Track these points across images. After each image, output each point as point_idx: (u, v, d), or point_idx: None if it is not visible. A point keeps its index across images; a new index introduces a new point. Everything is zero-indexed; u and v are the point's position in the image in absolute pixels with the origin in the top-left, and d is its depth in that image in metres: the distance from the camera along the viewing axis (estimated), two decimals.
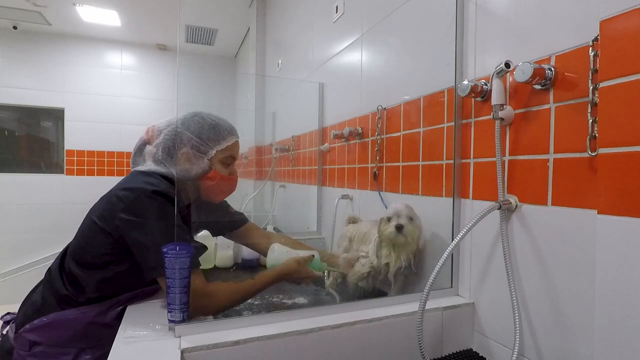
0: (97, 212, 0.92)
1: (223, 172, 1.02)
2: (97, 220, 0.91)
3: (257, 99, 2.62)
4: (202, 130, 0.99)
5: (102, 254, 0.90)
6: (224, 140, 1.01)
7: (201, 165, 0.99)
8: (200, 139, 0.98)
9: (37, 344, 0.88)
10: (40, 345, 0.88)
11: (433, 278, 0.73)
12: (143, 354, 0.66)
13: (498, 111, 0.80)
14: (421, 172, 1.09)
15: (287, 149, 2.16)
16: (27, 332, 0.88)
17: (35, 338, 0.88)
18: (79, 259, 0.91)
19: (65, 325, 0.88)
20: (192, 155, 0.99)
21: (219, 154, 1.01)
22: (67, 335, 0.88)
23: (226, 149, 1.02)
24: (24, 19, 3.30)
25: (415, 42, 1.13)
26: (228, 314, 0.96)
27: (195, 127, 0.99)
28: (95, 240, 0.90)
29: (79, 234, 0.95)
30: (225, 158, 1.02)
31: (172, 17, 3.27)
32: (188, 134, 0.98)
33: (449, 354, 0.88)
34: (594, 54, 0.64)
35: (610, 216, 0.53)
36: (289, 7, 2.40)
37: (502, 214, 0.81)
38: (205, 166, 1.00)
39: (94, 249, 0.90)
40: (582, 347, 0.68)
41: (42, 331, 0.88)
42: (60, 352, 0.88)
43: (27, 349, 0.87)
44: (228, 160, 1.03)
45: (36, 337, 0.88)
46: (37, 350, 0.88)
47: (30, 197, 3.61)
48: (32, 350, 0.88)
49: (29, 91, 3.61)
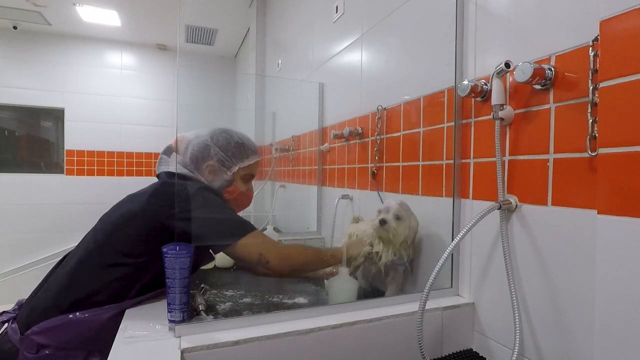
0: (144, 205, 0.93)
1: (242, 187, 1.10)
2: (150, 210, 0.92)
3: (257, 99, 2.62)
4: (229, 147, 1.06)
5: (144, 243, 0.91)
6: (247, 158, 1.09)
7: (224, 178, 1.07)
8: (226, 154, 1.06)
9: (44, 347, 0.86)
10: (48, 348, 0.86)
11: (433, 278, 0.73)
12: (143, 354, 0.66)
13: (498, 111, 0.80)
14: (421, 172, 1.09)
15: (287, 149, 2.16)
16: (35, 335, 0.86)
17: (43, 341, 0.86)
18: (120, 250, 0.91)
19: (75, 327, 0.86)
20: (216, 169, 1.05)
21: (241, 170, 1.08)
22: (76, 337, 0.86)
23: (248, 167, 1.09)
24: (24, 19, 3.30)
25: (415, 42, 1.13)
26: (228, 314, 0.96)
27: (222, 142, 1.06)
28: (142, 230, 0.92)
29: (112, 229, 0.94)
30: (246, 175, 1.10)
31: (172, 17, 3.27)
32: (216, 148, 1.05)
33: (449, 354, 0.88)
34: (594, 54, 0.64)
35: (610, 216, 0.53)
36: (289, 7, 2.40)
37: (502, 214, 0.81)
38: (227, 180, 1.07)
39: (138, 239, 0.91)
40: (582, 347, 0.68)
41: (51, 334, 0.86)
42: (68, 355, 0.87)
43: (35, 352, 0.86)
44: (248, 177, 1.11)
45: (44, 340, 0.86)
46: (45, 353, 0.86)
47: (30, 197, 3.61)
48: (39, 353, 0.86)
49: (29, 91, 3.61)
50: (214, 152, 1.05)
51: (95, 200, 3.55)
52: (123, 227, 0.93)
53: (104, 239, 0.93)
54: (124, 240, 0.92)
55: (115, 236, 0.93)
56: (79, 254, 0.95)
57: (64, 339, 0.86)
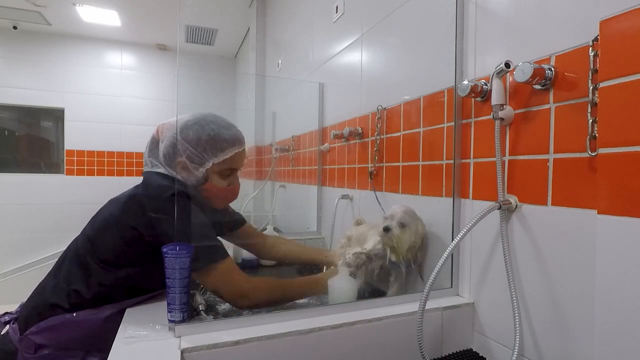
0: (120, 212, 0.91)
1: (220, 183, 0.98)
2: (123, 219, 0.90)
3: (257, 99, 2.62)
4: (199, 142, 0.94)
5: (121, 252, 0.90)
6: (222, 152, 0.96)
7: (196, 176, 0.96)
8: (195, 149, 0.94)
9: (43, 347, 0.86)
10: (47, 348, 0.86)
11: (433, 278, 0.73)
12: (143, 354, 0.66)
13: (498, 111, 0.80)
14: (421, 172, 1.09)
15: (287, 149, 2.16)
16: (34, 335, 0.86)
17: (41, 341, 0.86)
18: (99, 258, 0.90)
19: (74, 327, 0.86)
20: (187, 165, 0.95)
21: (215, 166, 0.96)
22: (75, 337, 0.86)
23: (223, 161, 0.97)
24: (24, 19, 3.30)
25: (415, 42, 1.13)
26: (228, 314, 0.96)
27: (193, 136, 0.94)
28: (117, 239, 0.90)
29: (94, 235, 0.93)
30: (224, 170, 0.98)
31: (172, 17, 3.27)
32: (185, 143, 0.94)
33: (449, 354, 0.88)
34: (594, 54, 0.64)
35: (610, 216, 0.53)
36: (289, 7, 2.40)
37: (502, 214, 0.81)
38: (201, 177, 0.96)
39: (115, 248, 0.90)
40: (582, 347, 0.68)
41: (49, 333, 0.86)
42: (66, 355, 0.87)
43: (33, 352, 0.86)
44: (226, 172, 0.99)
45: (42, 340, 0.86)
46: (43, 353, 0.86)
47: (30, 197, 3.61)
48: (37, 353, 0.86)
49: (29, 91, 3.61)
50: (183, 148, 0.94)
51: (95, 200, 3.51)
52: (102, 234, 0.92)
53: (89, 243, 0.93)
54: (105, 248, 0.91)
55: (97, 243, 0.92)
56: (70, 255, 0.95)
57: (62, 339, 0.86)
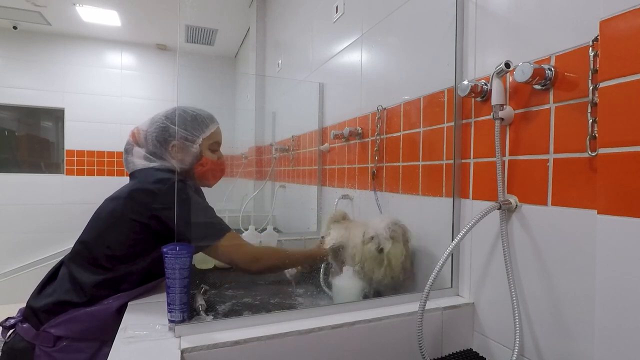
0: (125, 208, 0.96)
1: (212, 157, 1.12)
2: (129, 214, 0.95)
3: (257, 99, 2.62)
4: (186, 122, 1.07)
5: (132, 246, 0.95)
6: (207, 128, 1.10)
7: (192, 153, 1.08)
8: (185, 129, 1.07)
9: (62, 339, 0.90)
10: (66, 340, 0.90)
11: (433, 278, 0.73)
12: (143, 354, 0.66)
13: (498, 111, 0.80)
14: (421, 172, 1.09)
15: (287, 149, 2.16)
16: (52, 328, 0.90)
17: (60, 333, 0.89)
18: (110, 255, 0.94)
19: (90, 318, 0.90)
20: (182, 146, 1.07)
21: (205, 141, 1.09)
22: (92, 328, 0.90)
23: (210, 136, 1.10)
24: (24, 19, 3.30)
25: (415, 42, 1.13)
26: (228, 314, 0.96)
27: (179, 119, 1.07)
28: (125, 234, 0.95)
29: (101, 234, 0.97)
30: (212, 144, 1.12)
31: (172, 17, 3.27)
32: (174, 127, 1.07)
33: (449, 354, 0.88)
34: (594, 54, 0.64)
35: (610, 216, 0.53)
36: (289, 7, 2.40)
37: (502, 214, 0.81)
38: (196, 153, 1.08)
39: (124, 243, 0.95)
40: (582, 347, 0.68)
41: (67, 325, 0.90)
42: (84, 346, 0.90)
43: (52, 344, 0.89)
44: (214, 146, 1.13)
45: (61, 332, 0.89)
46: (62, 345, 0.90)
47: (30, 197, 3.61)
48: (57, 345, 0.89)
49: (29, 91, 3.61)
50: (174, 131, 1.07)
51: (95, 200, 3.49)
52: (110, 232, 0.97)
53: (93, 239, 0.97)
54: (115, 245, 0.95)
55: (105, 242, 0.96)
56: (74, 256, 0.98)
57: (79, 330, 0.90)
